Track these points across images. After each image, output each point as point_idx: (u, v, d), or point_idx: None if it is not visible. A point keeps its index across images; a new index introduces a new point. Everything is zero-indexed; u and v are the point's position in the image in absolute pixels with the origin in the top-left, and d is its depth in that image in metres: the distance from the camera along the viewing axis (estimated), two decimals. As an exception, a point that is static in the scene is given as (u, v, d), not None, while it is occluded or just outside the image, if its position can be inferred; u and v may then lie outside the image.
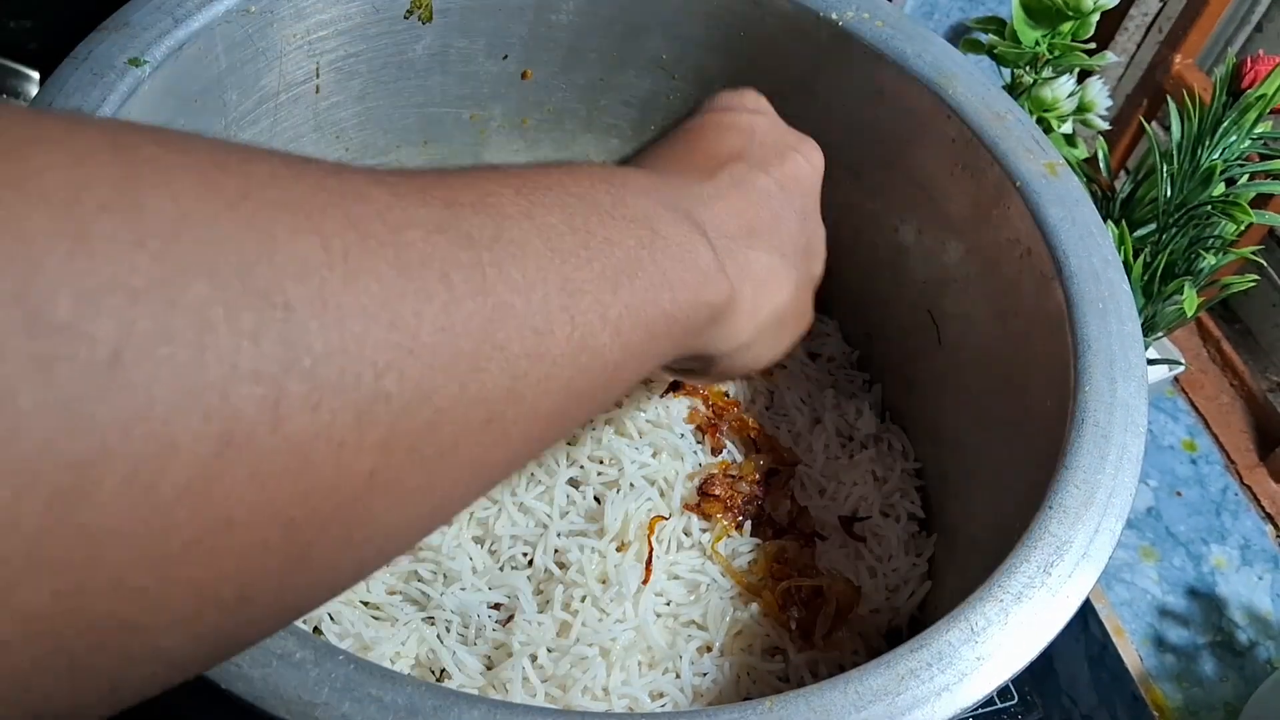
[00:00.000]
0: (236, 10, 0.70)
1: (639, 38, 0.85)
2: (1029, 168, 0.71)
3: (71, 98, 0.62)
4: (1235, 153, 0.85)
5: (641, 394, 0.79)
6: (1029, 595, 0.53)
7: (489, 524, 0.72)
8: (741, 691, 0.69)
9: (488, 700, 0.46)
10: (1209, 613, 1.09)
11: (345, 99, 0.82)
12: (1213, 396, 1.27)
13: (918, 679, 0.49)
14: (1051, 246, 0.68)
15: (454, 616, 0.69)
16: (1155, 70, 1.29)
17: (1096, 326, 0.64)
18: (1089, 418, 0.60)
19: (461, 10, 0.82)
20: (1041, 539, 0.55)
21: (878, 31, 0.77)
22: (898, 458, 0.83)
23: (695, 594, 0.72)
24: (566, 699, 0.65)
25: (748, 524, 0.76)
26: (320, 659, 0.46)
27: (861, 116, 0.81)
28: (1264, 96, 0.84)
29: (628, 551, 0.71)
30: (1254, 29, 1.31)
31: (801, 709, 0.48)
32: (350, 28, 0.78)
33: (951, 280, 0.78)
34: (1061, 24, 0.95)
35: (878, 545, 0.78)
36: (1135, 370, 0.62)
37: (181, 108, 0.70)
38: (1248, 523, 1.17)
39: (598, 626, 0.67)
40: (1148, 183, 0.89)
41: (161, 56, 0.66)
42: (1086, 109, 0.98)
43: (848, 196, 0.86)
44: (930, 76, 0.75)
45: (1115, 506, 0.57)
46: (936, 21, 1.26)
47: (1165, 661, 1.05)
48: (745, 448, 0.81)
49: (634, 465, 0.75)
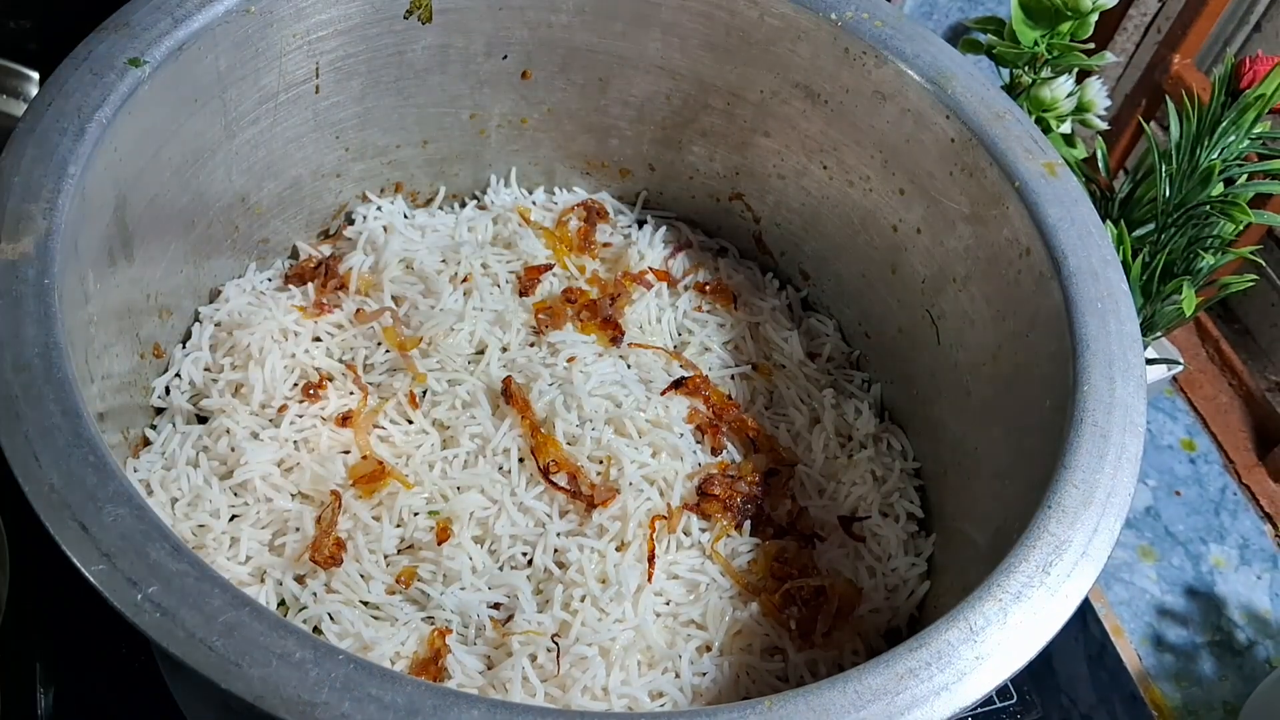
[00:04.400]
0: (236, 10, 0.70)
1: (639, 38, 0.85)
2: (1028, 167, 0.71)
3: (71, 98, 0.62)
4: (1234, 153, 0.85)
5: (641, 393, 0.79)
6: (1028, 595, 0.53)
7: (488, 524, 0.72)
8: (741, 691, 0.69)
9: (487, 700, 0.46)
10: (1208, 612, 1.09)
11: (345, 99, 0.82)
12: (1211, 396, 1.27)
13: (917, 678, 0.49)
14: (1050, 246, 0.68)
15: (454, 616, 0.69)
16: (1154, 70, 1.29)
17: (1095, 326, 0.64)
18: (1088, 417, 0.60)
19: (461, 10, 0.82)
20: (1040, 538, 0.55)
21: (877, 31, 0.77)
22: (896, 457, 0.83)
23: (695, 594, 0.72)
24: (566, 699, 0.65)
25: (747, 524, 0.76)
26: (320, 659, 0.46)
27: (861, 116, 0.81)
28: (1263, 96, 0.84)
29: (627, 551, 0.71)
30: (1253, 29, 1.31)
31: (801, 708, 0.48)
32: (350, 28, 0.78)
33: (950, 280, 0.78)
34: (1060, 24, 0.95)
35: (877, 545, 0.78)
36: (1134, 370, 0.63)
37: (181, 108, 0.70)
38: (1246, 522, 1.17)
39: (597, 626, 0.67)
40: (1146, 183, 0.89)
41: (161, 56, 0.66)
42: (1085, 109, 0.98)
43: (847, 196, 0.86)
44: (929, 76, 0.76)
45: (1114, 506, 0.57)
46: (936, 21, 1.26)
47: (1164, 661, 1.05)
48: (745, 448, 0.81)
49: (634, 465, 0.75)
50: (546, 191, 0.97)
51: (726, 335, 0.88)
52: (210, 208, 0.77)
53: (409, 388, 0.78)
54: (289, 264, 0.87)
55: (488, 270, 0.87)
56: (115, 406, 0.69)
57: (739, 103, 0.87)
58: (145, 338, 0.73)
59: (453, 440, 0.76)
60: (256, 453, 0.72)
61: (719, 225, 0.97)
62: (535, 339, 0.83)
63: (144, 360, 0.74)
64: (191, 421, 0.76)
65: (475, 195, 0.96)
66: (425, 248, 0.87)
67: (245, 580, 0.69)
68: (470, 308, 0.83)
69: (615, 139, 0.93)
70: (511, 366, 0.80)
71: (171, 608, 0.46)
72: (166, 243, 0.73)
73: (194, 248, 0.77)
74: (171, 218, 0.72)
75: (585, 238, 0.93)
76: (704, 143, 0.91)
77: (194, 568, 0.47)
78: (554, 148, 0.94)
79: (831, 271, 0.91)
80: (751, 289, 0.93)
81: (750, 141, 0.89)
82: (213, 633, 0.45)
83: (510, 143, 0.93)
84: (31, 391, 0.51)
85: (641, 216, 0.97)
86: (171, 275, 0.75)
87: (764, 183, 0.91)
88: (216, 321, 0.80)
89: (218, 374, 0.77)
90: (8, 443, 0.49)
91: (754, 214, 0.94)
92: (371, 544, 0.70)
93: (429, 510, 0.73)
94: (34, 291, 0.54)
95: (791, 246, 0.93)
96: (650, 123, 0.91)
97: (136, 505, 0.49)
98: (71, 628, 0.76)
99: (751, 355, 0.88)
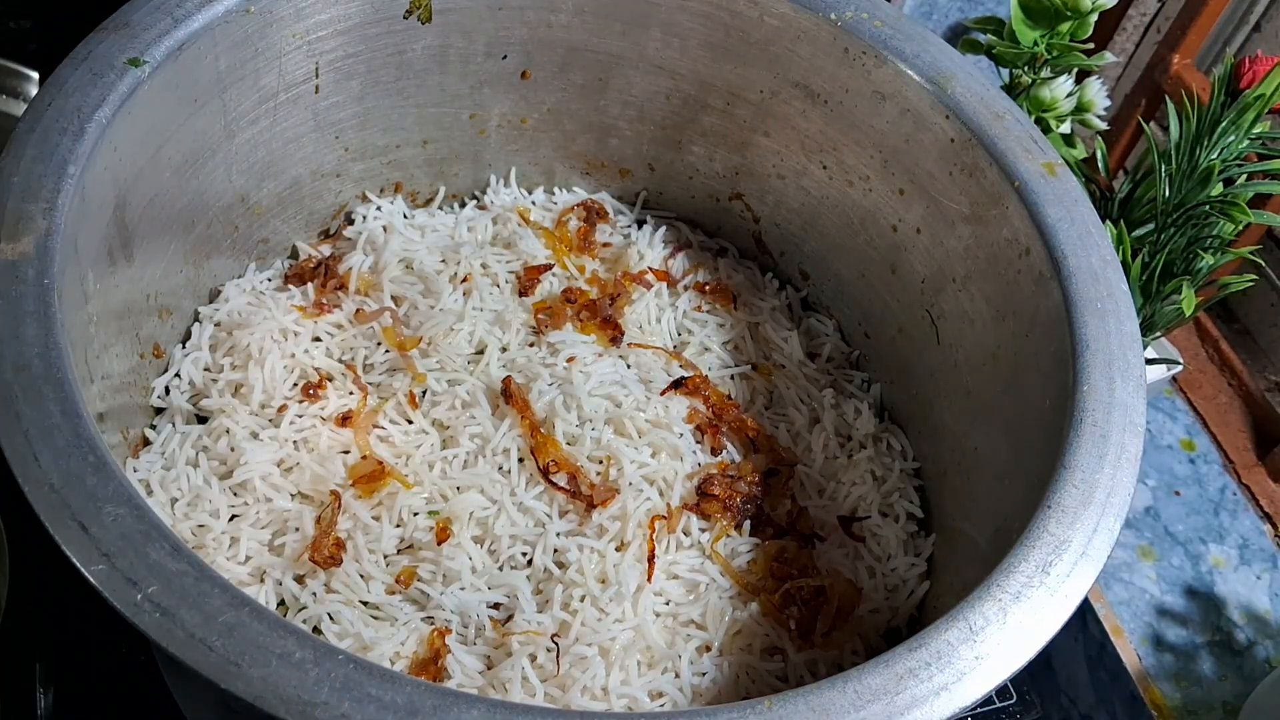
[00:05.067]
0: (236, 10, 0.70)
1: (638, 38, 0.85)
2: (1028, 167, 0.71)
3: (71, 98, 0.62)
4: (1233, 153, 0.85)
5: (641, 393, 0.79)
6: (1027, 595, 0.53)
7: (488, 524, 0.72)
8: (740, 691, 0.69)
9: (487, 700, 0.46)
10: (1207, 612, 1.09)
11: (345, 99, 0.82)
12: (1211, 396, 1.27)
13: (916, 678, 0.49)
14: (1050, 246, 0.68)
15: (454, 616, 0.69)
16: (1154, 70, 1.29)
17: (1095, 326, 0.64)
18: (1087, 417, 0.60)
19: (461, 10, 0.82)
20: (1040, 538, 0.55)
21: (877, 31, 0.77)
22: (896, 457, 0.83)
23: (694, 594, 0.72)
24: (566, 699, 0.65)
25: (747, 524, 0.76)
26: (320, 658, 0.46)
27: (861, 116, 0.81)
28: (1262, 96, 0.84)
29: (627, 551, 0.71)
30: (1252, 29, 1.31)
31: (800, 708, 0.48)
32: (350, 28, 0.78)
33: (950, 280, 0.78)
34: (1060, 24, 0.95)
35: (876, 545, 0.78)
36: (1134, 370, 0.63)
37: (181, 108, 0.70)
38: (1246, 522, 1.17)
39: (597, 626, 0.67)
40: (1146, 183, 0.89)
41: (161, 56, 0.66)
42: (1085, 109, 0.98)
43: (847, 196, 0.86)
44: (929, 76, 0.76)
45: (1113, 506, 0.57)
46: (935, 21, 1.26)
47: (1164, 661, 1.05)
48: (744, 448, 0.81)
49: (633, 465, 0.75)
50: (546, 191, 0.97)
51: (726, 335, 0.88)
52: (210, 208, 0.77)
53: (409, 388, 0.78)
54: (289, 264, 0.87)
55: (487, 270, 0.87)
56: (115, 406, 0.69)
57: (738, 102, 0.87)
58: (145, 338, 0.73)
59: (452, 440, 0.76)
60: (256, 453, 0.72)
61: (719, 225, 0.97)
62: (535, 339, 0.83)
63: (144, 360, 0.74)
64: (191, 421, 0.76)
65: (475, 195, 0.96)
66: (425, 248, 0.87)
67: (245, 580, 0.69)
68: (470, 308, 0.83)
69: (615, 139, 0.93)
70: (511, 366, 0.80)
71: (171, 608, 0.46)
72: (166, 243, 0.73)
73: (194, 248, 0.77)
74: (171, 218, 0.72)
75: (585, 238, 0.93)
76: (704, 143, 0.91)
77: (194, 568, 0.47)
78: (554, 148, 0.94)
79: (831, 271, 0.91)
80: (751, 289, 0.93)
81: (750, 141, 0.89)
82: (212, 633, 0.45)
83: (510, 143, 0.93)
84: (31, 391, 0.51)
85: (641, 216, 0.97)
86: (171, 275, 0.75)
87: (764, 183, 0.91)
88: (216, 321, 0.80)
89: (217, 374, 0.77)
90: (8, 443, 0.49)
91: (754, 214, 0.94)
92: (371, 544, 0.70)
93: (429, 510, 0.73)
94: (34, 291, 0.54)
95: (791, 246, 0.93)
96: (650, 123, 0.92)
97: (136, 505, 0.49)
98: (71, 628, 0.76)
99: (751, 355, 0.88)
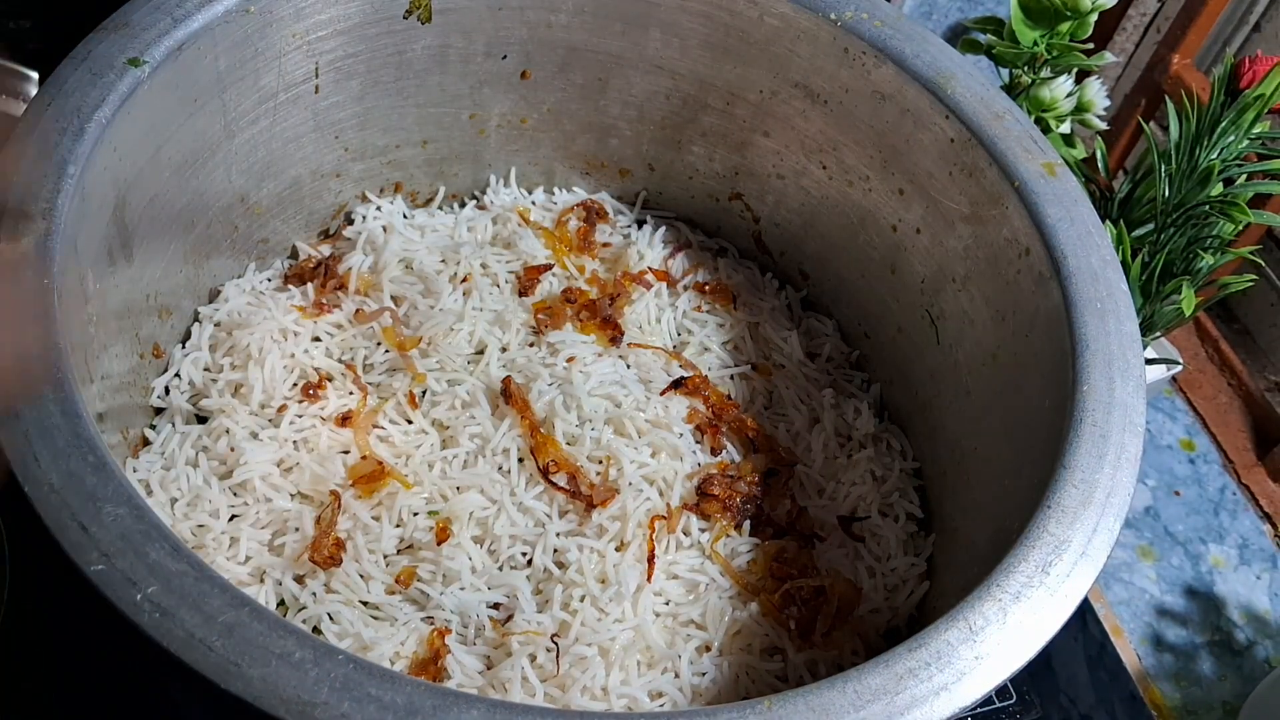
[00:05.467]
0: (236, 10, 0.70)
1: (638, 38, 0.85)
2: (1027, 167, 0.71)
3: (71, 97, 0.62)
4: (1233, 153, 0.85)
5: (641, 393, 0.79)
6: (1027, 595, 0.53)
7: (488, 524, 0.72)
8: (740, 691, 0.69)
9: (487, 700, 0.46)
10: (1207, 612, 1.09)
11: (345, 99, 0.82)
12: (1211, 396, 1.27)
13: (916, 678, 0.49)
14: (1050, 246, 0.68)
15: (453, 616, 0.69)
16: (1153, 70, 1.29)
17: (1095, 326, 0.64)
18: (1087, 417, 0.60)
19: (461, 10, 0.82)
20: (1040, 538, 0.55)
21: (877, 31, 0.77)
22: (896, 457, 0.83)
23: (694, 594, 0.72)
24: (566, 699, 0.65)
25: (747, 524, 0.76)
26: (320, 659, 0.46)
27: (860, 116, 0.81)
28: (1262, 96, 0.84)
29: (627, 551, 0.71)
30: (1252, 29, 1.31)
31: (800, 708, 0.48)
32: (349, 27, 0.78)
33: (950, 280, 0.78)
34: (1060, 24, 0.95)
35: (876, 545, 0.78)
36: (1133, 370, 0.63)
37: (181, 108, 0.70)
38: (1246, 522, 1.17)
39: (597, 626, 0.67)
40: (1146, 183, 0.89)
41: (161, 56, 0.66)
42: (1085, 109, 0.98)
43: (846, 196, 0.86)
44: (929, 76, 0.76)
45: (1113, 506, 0.57)
46: (935, 21, 1.26)
47: (1163, 661, 1.05)
48: (744, 448, 0.81)
49: (633, 465, 0.75)
50: (546, 191, 0.97)
51: (726, 335, 0.88)
52: (210, 208, 0.77)
53: (408, 388, 0.78)
54: (289, 264, 0.87)
55: (487, 270, 0.87)
56: (115, 406, 0.69)
57: (738, 102, 0.87)
58: (145, 338, 0.73)
59: (452, 440, 0.76)
60: (256, 453, 0.72)
61: (718, 225, 0.97)
62: (535, 339, 0.83)
63: (143, 360, 0.74)
64: (191, 421, 0.76)
65: (475, 195, 0.96)
66: (425, 248, 0.87)
67: (245, 580, 0.69)
68: (470, 308, 0.83)
69: (615, 139, 0.93)
70: (511, 366, 0.80)
71: (171, 608, 0.46)
72: (166, 243, 0.73)
73: (193, 248, 0.77)
74: (171, 218, 0.72)
75: (585, 238, 0.93)
76: (703, 143, 0.91)
77: (193, 568, 0.47)
78: (553, 148, 0.94)
79: (831, 271, 0.91)
80: (751, 289, 0.93)
81: (750, 141, 0.89)
82: (212, 633, 0.45)
83: (510, 143, 0.93)
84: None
85: (641, 216, 0.97)
86: (171, 275, 0.75)
87: (763, 183, 0.91)
88: (216, 321, 0.80)
89: (217, 374, 0.77)
90: (8, 443, 0.49)
91: (753, 214, 0.94)
92: (371, 544, 0.70)
93: (428, 510, 0.73)
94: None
95: (791, 246, 0.93)
96: (650, 123, 0.92)
97: (136, 505, 0.49)
98: (71, 628, 0.76)
99: (751, 355, 0.88)
